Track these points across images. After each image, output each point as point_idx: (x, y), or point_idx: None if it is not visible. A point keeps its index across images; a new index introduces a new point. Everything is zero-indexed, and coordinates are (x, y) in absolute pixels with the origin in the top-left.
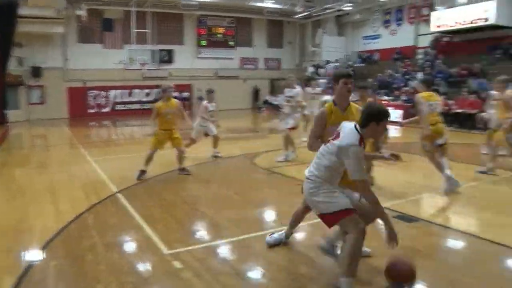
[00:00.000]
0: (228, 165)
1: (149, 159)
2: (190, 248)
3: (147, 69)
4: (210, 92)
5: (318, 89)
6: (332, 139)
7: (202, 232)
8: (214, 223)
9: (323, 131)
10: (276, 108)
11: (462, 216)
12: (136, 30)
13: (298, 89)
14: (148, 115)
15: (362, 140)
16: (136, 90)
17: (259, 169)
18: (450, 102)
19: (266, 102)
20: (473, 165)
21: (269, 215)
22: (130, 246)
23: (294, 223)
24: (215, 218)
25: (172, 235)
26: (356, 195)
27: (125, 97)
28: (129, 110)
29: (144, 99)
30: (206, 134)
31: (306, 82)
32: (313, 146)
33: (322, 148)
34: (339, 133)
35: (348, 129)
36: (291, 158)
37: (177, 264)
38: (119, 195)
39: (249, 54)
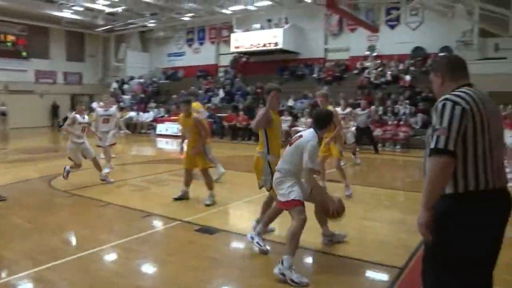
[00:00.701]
0: (21, 191)
1: None
2: None
3: None
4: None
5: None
6: (293, 141)
7: None
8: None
9: (267, 124)
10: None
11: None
12: None
13: (114, 108)
14: None
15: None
16: None
17: (57, 192)
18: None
19: (66, 119)
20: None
21: (68, 241)
22: None
23: (267, 219)
24: (1, 253)
25: None
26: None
27: None
28: None
29: None
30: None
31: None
32: (258, 127)
33: (289, 148)
34: (301, 135)
35: (308, 131)
36: (108, 170)
37: None
38: None
39: (45, 67)
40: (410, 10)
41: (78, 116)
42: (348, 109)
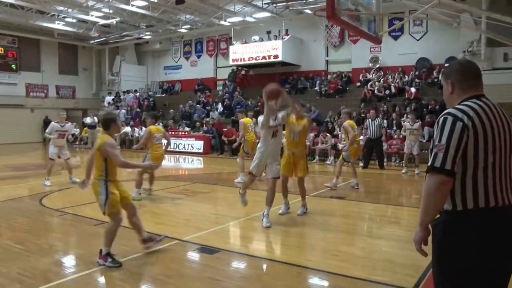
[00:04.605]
0: (11, 210)
1: None
2: None
3: None
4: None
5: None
6: None
7: None
8: None
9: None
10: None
11: (258, 242)
12: None
13: (70, 123)
14: None
15: None
16: None
17: (49, 210)
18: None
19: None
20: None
21: (60, 263)
22: None
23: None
24: None
25: None
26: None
27: None
28: None
29: None
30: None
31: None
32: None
33: None
34: None
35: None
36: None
37: None
38: None
39: (37, 80)
40: (413, 20)
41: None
42: (417, 124)
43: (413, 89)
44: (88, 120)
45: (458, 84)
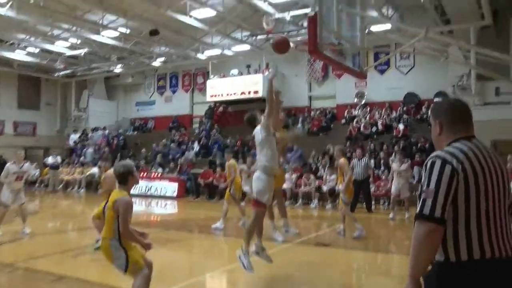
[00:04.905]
0: None
1: None
2: None
3: None
4: None
5: None
6: None
7: None
8: None
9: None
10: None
11: None
12: None
13: (28, 164)
14: None
15: None
16: None
17: None
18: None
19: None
20: None
21: None
22: None
23: None
24: None
25: None
26: None
27: None
28: None
29: None
30: None
31: None
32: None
33: None
34: None
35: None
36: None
37: None
38: None
39: None
40: (400, 54)
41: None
42: (406, 164)
43: (401, 126)
44: (50, 160)
45: (447, 125)
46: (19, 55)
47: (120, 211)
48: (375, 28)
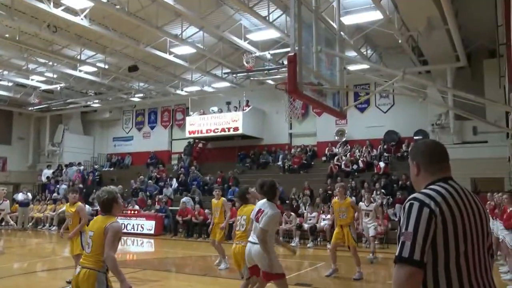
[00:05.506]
0: None
1: None
2: None
3: None
4: None
5: None
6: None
7: None
8: None
9: None
10: None
11: None
12: None
13: (7, 202)
14: None
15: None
16: None
17: None
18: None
19: None
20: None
21: None
22: None
23: None
24: None
25: None
26: None
27: None
28: None
29: None
30: None
31: None
32: None
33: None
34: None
35: (263, 204)
36: None
37: None
38: None
39: None
40: (380, 93)
41: None
42: (373, 204)
43: (382, 164)
44: (20, 196)
45: (424, 166)
46: None
47: (109, 237)
48: (354, 67)
